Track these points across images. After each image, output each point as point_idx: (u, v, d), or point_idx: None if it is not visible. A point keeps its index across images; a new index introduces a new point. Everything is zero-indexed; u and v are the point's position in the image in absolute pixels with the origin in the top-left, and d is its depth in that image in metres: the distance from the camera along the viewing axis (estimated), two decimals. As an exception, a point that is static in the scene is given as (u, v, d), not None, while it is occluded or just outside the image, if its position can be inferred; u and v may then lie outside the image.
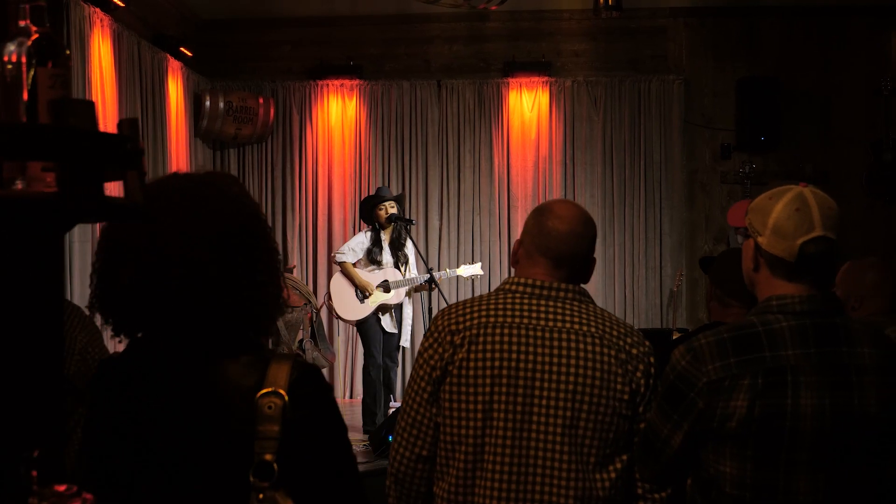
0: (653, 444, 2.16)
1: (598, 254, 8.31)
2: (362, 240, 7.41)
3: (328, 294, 7.62)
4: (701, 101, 9.03)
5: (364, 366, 7.48)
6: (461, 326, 2.28)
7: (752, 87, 8.73)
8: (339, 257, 7.41)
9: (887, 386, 2.04)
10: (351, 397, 8.87)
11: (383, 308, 7.31)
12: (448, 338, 2.28)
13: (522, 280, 2.34)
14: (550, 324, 2.27)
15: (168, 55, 7.94)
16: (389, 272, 7.39)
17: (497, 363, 2.23)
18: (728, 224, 7.81)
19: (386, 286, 7.33)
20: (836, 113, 8.79)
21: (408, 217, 8.15)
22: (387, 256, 7.38)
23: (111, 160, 1.31)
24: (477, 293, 8.62)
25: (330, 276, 8.85)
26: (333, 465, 1.60)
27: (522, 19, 9.10)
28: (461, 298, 8.86)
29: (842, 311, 2.11)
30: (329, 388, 1.65)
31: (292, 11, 9.09)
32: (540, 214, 2.40)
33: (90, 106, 1.30)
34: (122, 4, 6.72)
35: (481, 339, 2.25)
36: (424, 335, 2.36)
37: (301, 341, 8.52)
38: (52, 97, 1.28)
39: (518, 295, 2.32)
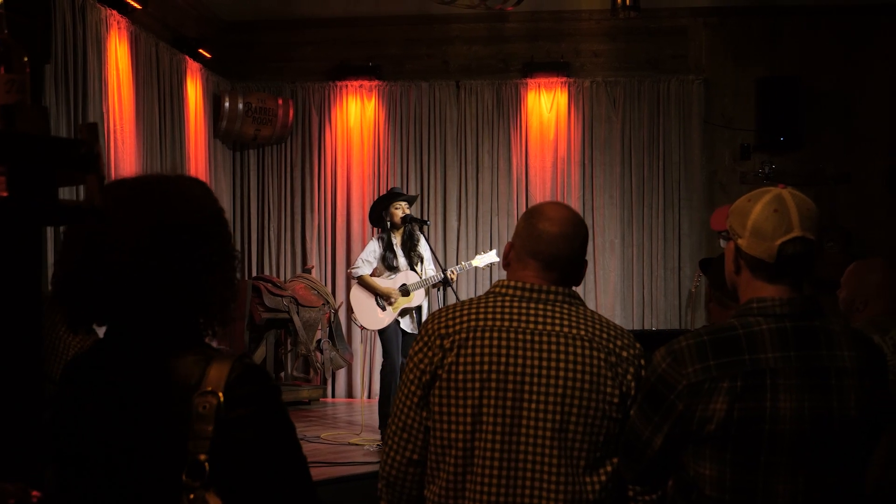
0: (634, 446, 2.16)
1: (616, 255, 8.20)
2: (374, 248, 7.32)
3: (349, 307, 7.57)
4: (721, 101, 8.97)
5: (382, 366, 7.44)
6: (451, 330, 2.28)
7: (772, 87, 8.67)
8: (356, 272, 7.31)
9: (867, 389, 2.03)
10: (369, 397, 8.88)
11: (405, 312, 7.25)
12: (437, 342, 2.28)
13: (512, 283, 2.34)
14: (539, 327, 2.26)
15: (186, 56, 7.99)
16: (406, 275, 7.34)
17: (486, 367, 2.23)
18: (712, 229, 7.77)
19: (405, 290, 7.27)
20: (858, 113, 8.69)
21: (422, 218, 8.13)
22: (401, 259, 7.30)
23: (65, 164, 1.34)
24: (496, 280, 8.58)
25: (348, 276, 8.89)
26: (272, 466, 1.61)
27: (542, 20, 9.09)
28: (480, 290, 8.86)
29: (822, 313, 2.10)
30: (274, 388, 1.66)
31: (314, 12, 9.13)
32: (530, 217, 2.39)
33: (43, 111, 1.32)
34: (139, 7, 6.77)
35: (470, 342, 2.25)
36: (415, 339, 2.37)
37: (319, 341, 8.55)
38: (6, 102, 1.31)
39: (508, 298, 2.32)
